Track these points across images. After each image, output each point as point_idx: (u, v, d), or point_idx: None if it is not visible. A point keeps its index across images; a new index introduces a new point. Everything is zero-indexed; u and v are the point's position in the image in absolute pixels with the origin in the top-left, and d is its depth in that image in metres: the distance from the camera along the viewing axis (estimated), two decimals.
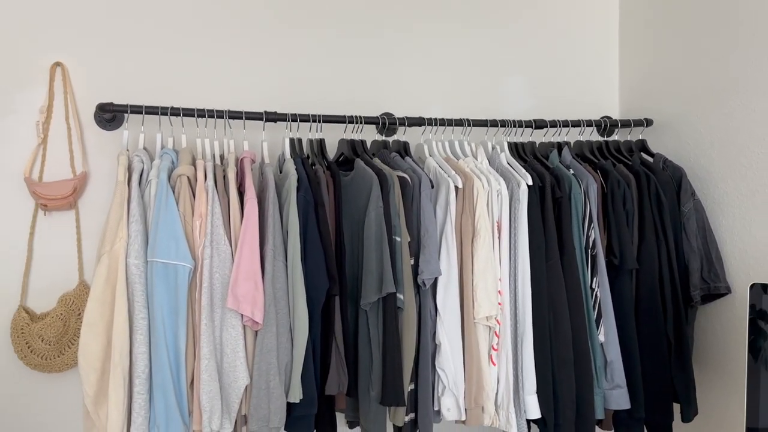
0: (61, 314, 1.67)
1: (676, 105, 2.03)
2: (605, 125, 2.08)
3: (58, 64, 1.72)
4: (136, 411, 1.36)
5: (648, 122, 2.08)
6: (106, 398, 1.36)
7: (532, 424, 1.71)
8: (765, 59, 1.72)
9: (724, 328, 1.84)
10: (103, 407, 1.37)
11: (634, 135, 2.08)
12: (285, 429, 1.55)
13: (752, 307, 1.34)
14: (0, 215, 1.69)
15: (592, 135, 2.14)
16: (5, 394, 1.68)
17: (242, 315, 1.43)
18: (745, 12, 1.76)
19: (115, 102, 1.66)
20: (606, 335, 1.72)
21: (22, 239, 1.70)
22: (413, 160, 1.75)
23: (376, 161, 1.69)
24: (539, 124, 1.95)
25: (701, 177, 1.94)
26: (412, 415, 1.61)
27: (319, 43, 1.96)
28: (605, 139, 2.07)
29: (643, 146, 2.04)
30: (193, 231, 1.44)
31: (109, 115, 1.71)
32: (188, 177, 1.46)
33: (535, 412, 1.65)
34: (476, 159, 1.81)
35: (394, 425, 1.64)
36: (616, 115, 2.27)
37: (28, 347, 1.65)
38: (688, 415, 1.77)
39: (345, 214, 1.66)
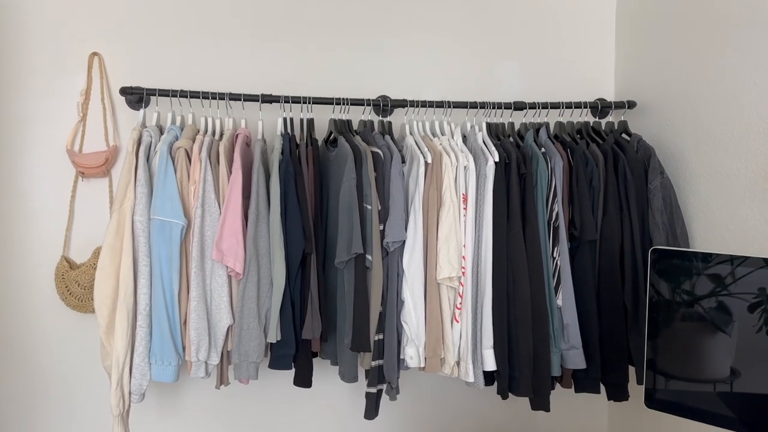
0: (94, 264, 1.98)
1: (660, 88, 2.12)
2: (586, 107, 2.19)
3: (95, 53, 2.03)
4: (137, 341, 1.66)
5: (630, 104, 2.18)
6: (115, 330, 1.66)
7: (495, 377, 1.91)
8: (727, 48, 1.81)
9: None
10: (113, 337, 1.67)
11: (626, 116, 2.18)
12: (269, 366, 1.81)
13: (652, 267, 1.48)
14: (47, 181, 2.03)
15: (587, 116, 2.25)
16: (49, 327, 2.04)
17: (227, 266, 1.70)
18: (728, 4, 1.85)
19: (142, 86, 1.96)
20: (564, 300, 1.87)
21: (65, 201, 2.03)
22: (391, 138, 1.95)
23: (357, 139, 1.91)
24: (518, 106, 2.10)
25: (676, 157, 2.03)
26: (380, 361, 1.83)
27: (323, 33, 2.18)
28: (595, 120, 2.20)
29: (624, 128, 2.15)
30: (188, 195, 1.72)
31: (135, 97, 2.00)
32: (186, 149, 1.73)
33: (491, 364, 1.83)
34: (452, 138, 1.99)
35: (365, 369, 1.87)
36: (611, 98, 2.38)
37: (68, 290, 1.99)
38: (642, 378, 1.89)
39: (331, 184, 1.89)
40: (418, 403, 2.31)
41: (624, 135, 2.13)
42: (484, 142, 1.96)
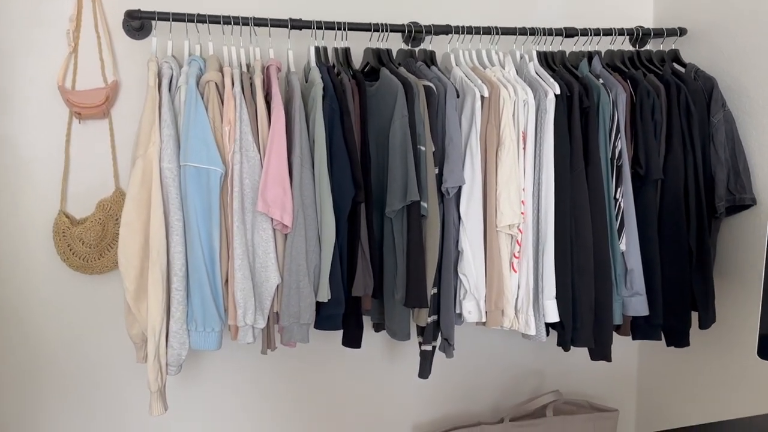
0: (100, 219, 1.74)
1: (711, 14, 1.96)
2: (638, 34, 2.02)
3: None
4: (174, 306, 1.45)
5: (682, 31, 2.02)
6: (146, 294, 1.44)
7: (550, 328, 1.78)
8: None
9: (747, 239, 1.84)
10: (143, 303, 1.46)
11: (667, 45, 2.03)
12: (315, 327, 1.63)
13: None
14: (37, 123, 1.74)
15: (624, 45, 2.08)
16: (50, 292, 1.79)
17: (272, 219, 1.48)
18: None
19: (142, 9, 1.67)
20: (627, 244, 1.75)
21: (58, 146, 1.76)
22: (439, 70, 1.74)
23: (402, 70, 1.69)
24: (570, 33, 1.91)
25: (733, 88, 1.89)
26: (435, 317, 1.68)
27: None
28: (637, 49, 2.03)
29: (675, 56, 1.99)
30: (222, 137, 1.48)
31: (137, 23, 1.72)
32: (216, 83, 1.48)
33: (553, 316, 1.70)
34: (504, 68, 1.79)
35: (417, 326, 1.71)
36: (649, 25, 2.20)
37: (70, 249, 1.74)
38: (705, 323, 1.81)
39: (370, 123, 1.68)
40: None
41: (675, 64, 1.97)
42: (537, 73, 1.77)
